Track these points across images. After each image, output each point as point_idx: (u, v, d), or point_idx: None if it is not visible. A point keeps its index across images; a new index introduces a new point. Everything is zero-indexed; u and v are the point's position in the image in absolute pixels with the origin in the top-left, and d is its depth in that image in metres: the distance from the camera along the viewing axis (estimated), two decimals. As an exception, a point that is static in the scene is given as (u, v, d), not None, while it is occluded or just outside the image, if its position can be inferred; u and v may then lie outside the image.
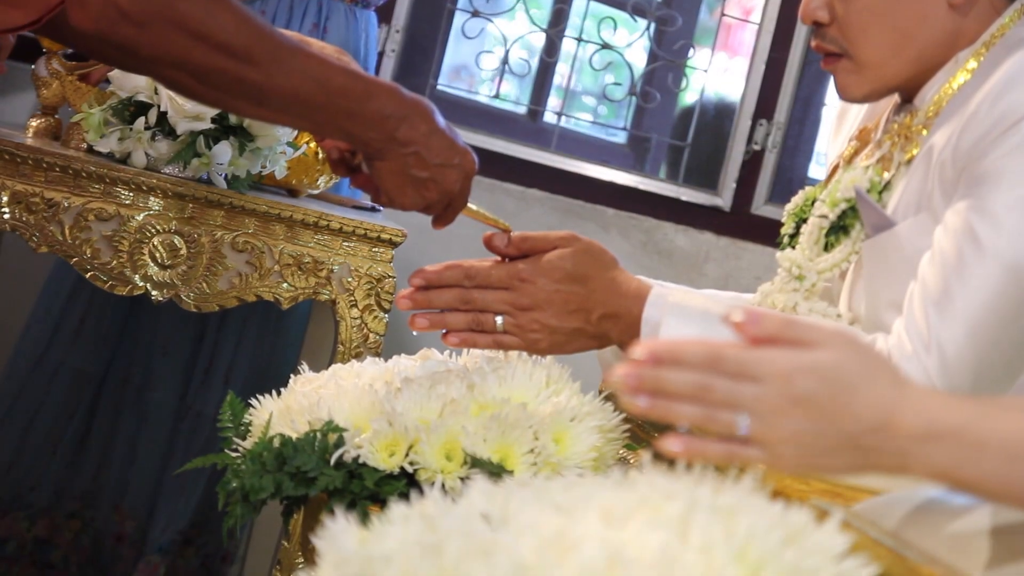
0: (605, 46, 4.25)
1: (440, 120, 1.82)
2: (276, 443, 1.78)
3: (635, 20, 4.28)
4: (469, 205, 1.90)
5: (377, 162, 1.80)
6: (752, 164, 4.21)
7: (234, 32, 1.69)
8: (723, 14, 4.36)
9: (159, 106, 2.77)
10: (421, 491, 1.25)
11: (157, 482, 3.45)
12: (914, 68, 1.92)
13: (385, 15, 4.05)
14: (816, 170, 4.32)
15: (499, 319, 1.92)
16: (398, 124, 1.77)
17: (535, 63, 4.37)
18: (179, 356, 3.46)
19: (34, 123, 3.09)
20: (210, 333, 3.46)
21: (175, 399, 3.46)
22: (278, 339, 3.49)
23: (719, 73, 4.41)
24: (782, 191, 4.17)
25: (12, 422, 3.47)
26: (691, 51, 4.30)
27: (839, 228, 1.95)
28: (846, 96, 1.97)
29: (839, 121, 2.18)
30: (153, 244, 2.79)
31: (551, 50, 4.34)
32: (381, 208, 3.21)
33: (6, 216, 2.74)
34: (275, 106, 1.74)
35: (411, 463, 1.73)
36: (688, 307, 1.87)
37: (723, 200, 4.20)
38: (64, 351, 3.47)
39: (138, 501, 3.45)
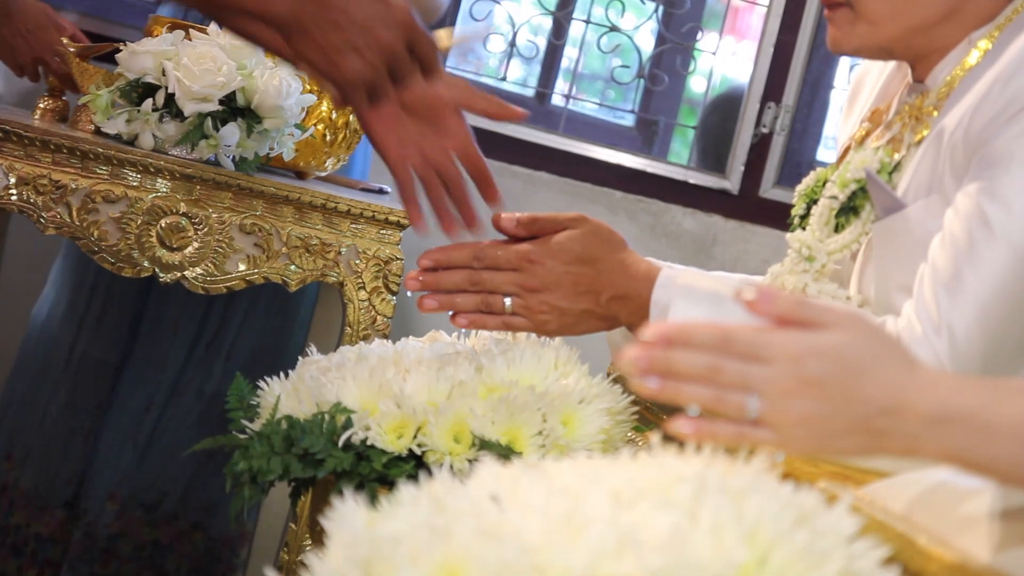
0: (613, 28, 4.25)
1: None
2: (284, 425, 1.78)
3: (643, 3, 4.28)
4: (442, 36, 1.78)
5: (297, 39, 1.64)
6: (760, 147, 4.20)
7: None
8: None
9: (167, 88, 2.77)
10: (429, 473, 1.24)
11: (140, 458, 3.44)
12: (908, 31, 1.91)
13: (393, -3, 4.04)
14: (824, 153, 4.32)
15: (507, 301, 1.92)
16: None
17: (543, 45, 4.37)
18: (186, 335, 3.46)
19: (42, 105, 3.09)
20: (216, 312, 3.45)
21: (176, 377, 3.45)
22: (284, 320, 3.49)
23: (727, 56, 4.40)
24: (790, 174, 4.17)
25: (30, 411, 3.46)
26: (699, 34, 4.30)
27: (849, 209, 1.94)
28: (836, 47, 1.95)
29: (850, 102, 2.18)
30: (161, 226, 2.79)
31: (559, 32, 4.34)
32: (389, 190, 3.20)
33: (13, 197, 2.74)
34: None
35: (419, 445, 1.74)
36: (697, 289, 1.87)
37: (731, 183, 4.19)
38: (81, 338, 3.46)
39: (124, 480, 3.44)
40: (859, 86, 2.15)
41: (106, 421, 3.43)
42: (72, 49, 2.97)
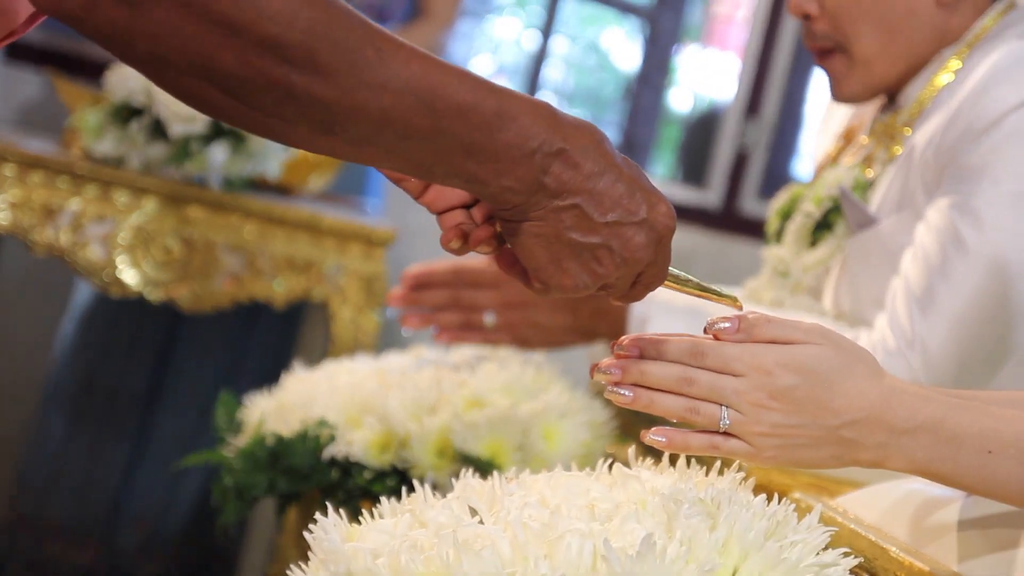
0: (596, 45, 4.27)
1: (614, 153, 1.22)
2: (269, 441, 1.80)
3: (625, 20, 4.30)
4: (672, 271, 1.29)
5: (518, 225, 1.21)
6: (740, 162, 4.23)
7: (288, 20, 1.08)
8: (712, 13, 4.38)
9: (153, 109, 2.79)
10: (412, 488, 1.27)
11: (172, 486, 3.44)
12: (902, 65, 1.92)
13: (379, 17, 4.06)
14: (804, 168, 4.34)
15: (489, 317, 1.94)
16: (548, 162, 1.17)
17: (527, 63, 4.39)
18: (213, 364, 3.45)
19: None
20: (239, 338, 3.45)
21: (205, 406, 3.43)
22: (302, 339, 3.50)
23: (708, 72, 4.43)
24: (770, 189, 4.19)
25: (49, 443, 3.46)
26: (680, 50, 4.32)
27: (824, 225, 1.96)
28: (840, 94, 1.95)
29: (825, 120, 2.20)
30: (148, 246, 2.81)
31: (543, 50, 4.36)
32: (369, 210, 3.22)
33: (2, 220, 2.76)
34: (353, 136, 1.13)
35: (402, 460, 1.75)
36: (675, 303, 1.89)
37: (711, 198, 4.22)
38: (107, 370, 3.45)
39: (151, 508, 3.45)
40: (834, 104, 2.17)
41: (141, 452, 3.43)
42: None
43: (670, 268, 1.27)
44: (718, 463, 1.26)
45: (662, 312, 1.88)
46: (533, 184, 1.17)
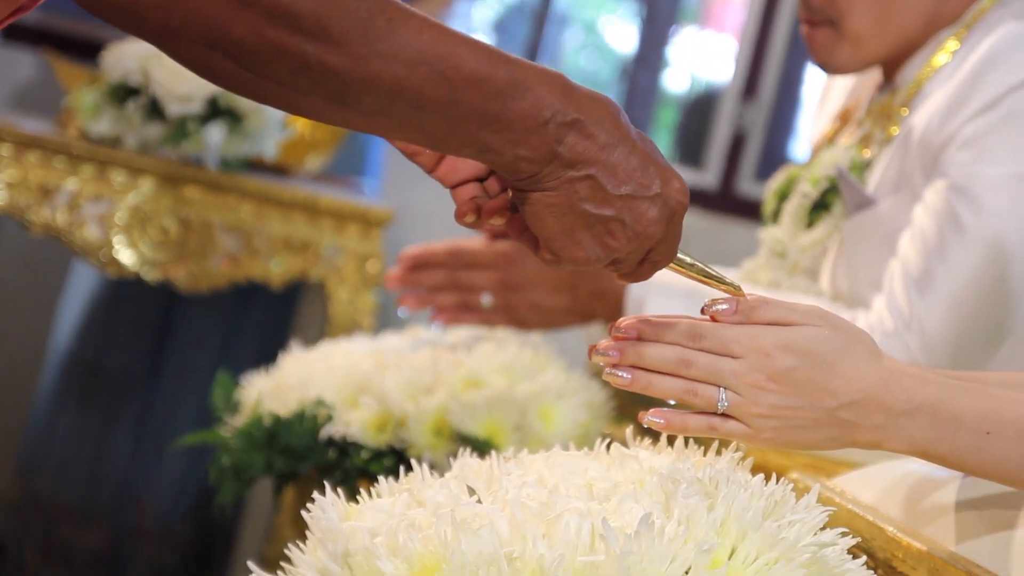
0: (591, 27, 4.27)
1: (628, 126, 1.21)
2: (266, 421, 1.80)
3: (621, 1, 4.30)
4: (680, 256, 1.29)
5: (531, 195, 1.20)
6: (737, 143, 4.23)
7: None
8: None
9: (150, 89, 2.78)
10: (409, 467, 1.27)
11: (176, 467, 3.44)
12: (891, 44, 1.92)
13: None
14: (801, 149, 4.35)
15: (486, 298, 1.95)
16: (562, 132, 1.16)
17: (522, 44, 4.39)
18: (212, 345, 3.45)
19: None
20: (237, 319, 3.45)
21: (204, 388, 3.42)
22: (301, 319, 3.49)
23: (705, 52, 4.43)
24: (767, 170, 4.19)
25: (45, 423, 3.45)
26: (677, 31, 4.32)
27: (821, 206, 1.96)
28: (825, 62, 1.94)
29: (822, 101, 2.20)
30: (145, 226, 2.81)
31: (538, 30, 4.36)
32: (366, 192, 3.22)
33: (1, 200, 2.76)
34: (367, 106, 1.13)
35: (400, 440, 1.76)
36: (673, 285, 1.89)
37: (709, 179, 4.22)
38: (106, 353, 3.45)
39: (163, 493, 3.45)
40: (830, 85, 2.17)
41: (139, 432, 3.43)
42: None
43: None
44: (716, 443, 1.26)
45: (660, 294, 1.89)
46: (547, 154, 1.16)
